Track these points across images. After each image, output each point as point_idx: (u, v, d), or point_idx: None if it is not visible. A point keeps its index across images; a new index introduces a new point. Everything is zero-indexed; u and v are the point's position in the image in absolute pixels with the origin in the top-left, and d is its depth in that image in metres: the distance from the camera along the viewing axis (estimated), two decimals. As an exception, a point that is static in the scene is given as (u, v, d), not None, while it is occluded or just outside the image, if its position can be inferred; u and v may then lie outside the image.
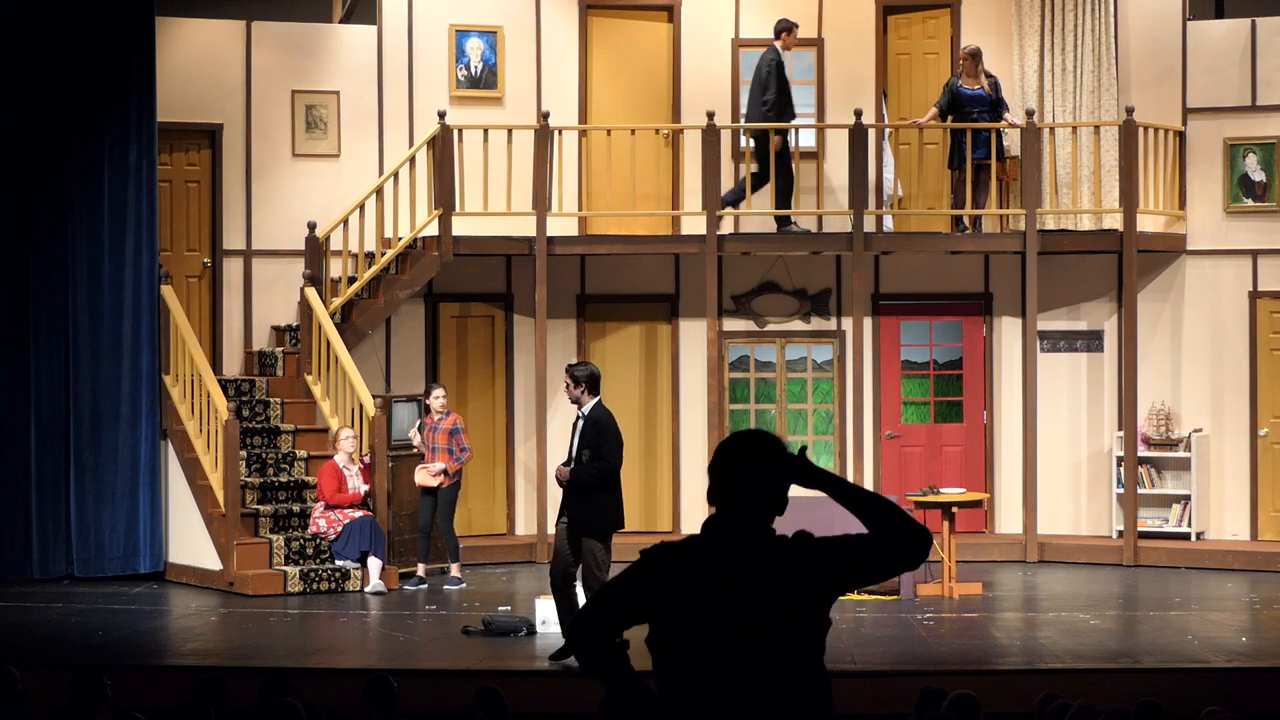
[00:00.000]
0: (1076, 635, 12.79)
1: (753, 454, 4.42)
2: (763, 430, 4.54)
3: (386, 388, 17.28)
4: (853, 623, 13.41)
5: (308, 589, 15.03)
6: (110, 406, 15.69)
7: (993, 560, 16.77)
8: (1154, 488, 17.03)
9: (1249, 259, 17.14)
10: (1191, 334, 17.27)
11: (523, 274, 17.52)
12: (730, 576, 4.32)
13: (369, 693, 8.20)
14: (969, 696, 7.77)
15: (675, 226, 17.71)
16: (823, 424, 17.78)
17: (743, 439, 4.44)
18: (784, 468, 4.44)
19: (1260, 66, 17.06)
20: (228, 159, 17.36)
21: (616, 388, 17.83)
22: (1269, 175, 16.99)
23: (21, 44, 15.58)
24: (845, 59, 17.80)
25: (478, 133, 16.89)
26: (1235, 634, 12.88)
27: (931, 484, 16.04)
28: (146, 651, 12.54)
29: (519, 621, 12.94)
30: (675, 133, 17.53)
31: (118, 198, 15.77)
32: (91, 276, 15.71)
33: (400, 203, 16.78)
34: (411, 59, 17.70)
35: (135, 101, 15.83)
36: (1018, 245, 16.86)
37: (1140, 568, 16.39)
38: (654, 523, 17.80)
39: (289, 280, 17.11)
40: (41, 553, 15.60)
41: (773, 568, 4.33)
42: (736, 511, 4.40)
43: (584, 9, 18.01)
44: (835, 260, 17.74)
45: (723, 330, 17.43)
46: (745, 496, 4.40)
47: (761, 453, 4.42)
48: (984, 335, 17.75)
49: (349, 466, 15.41)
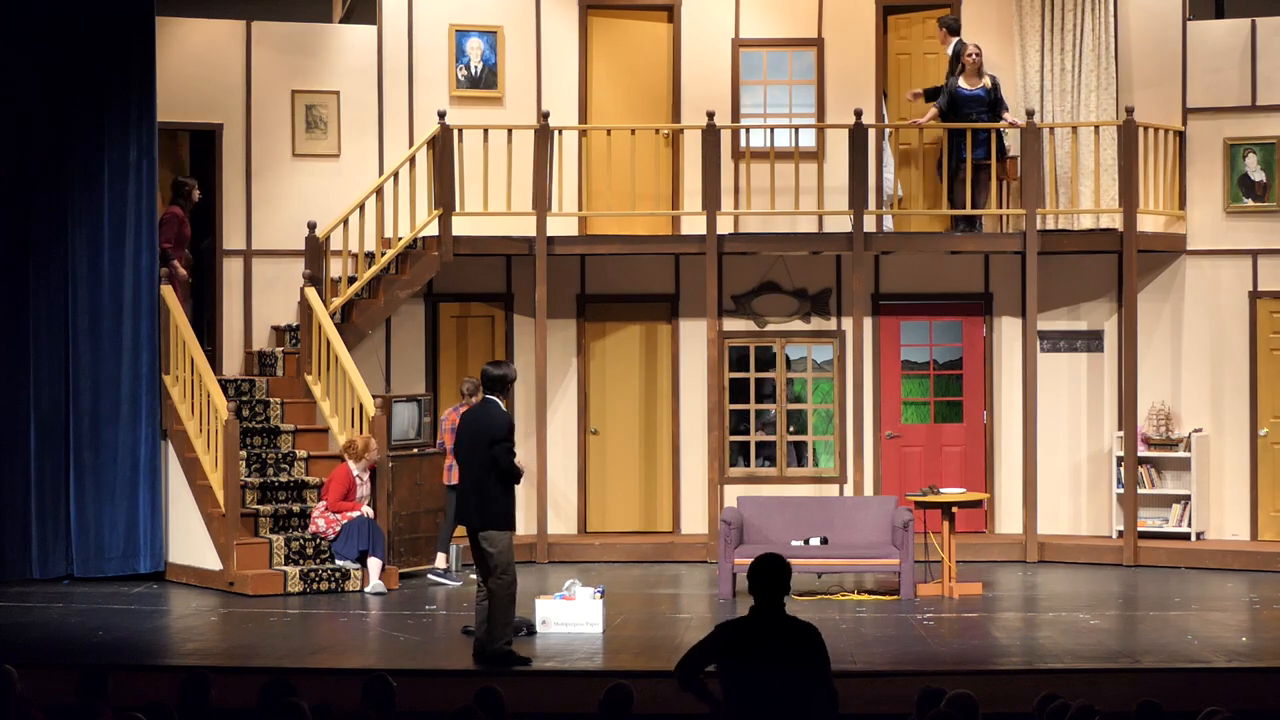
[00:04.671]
0: (1076, 635, 12.79)
1: (773, 572, 7.29)
2: (777, 556, 7.31)
3: (386, 388, 17.29)
4: (853, 623, 13.42)
5: (308, 589, 15.03)
6: (110, 406, 15.69)
7: (993, 560, 16.78)
8: (1154, 488, 17.03)
9: (1249, 259, 17.13)
10: (1191, 334, 17.26)
11: (523, 274, 17.53)
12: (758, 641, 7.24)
13: (368, 693, 8.20)
14: (967, 696, 7.77)
15: (675, 226, 17.71)
16: (823, 424, 17.78)
17: (767, 562, 7.28)
18: (786, 587, 7.32)
19: (1260, 66, 17.06)
20: (228, 159, 17.36)
21: (617, 388, 17.85)
22: (1269, 175, 16.99)
23: (21, 44, 15.57)
24: (845, 59, 17.79)
25: (478, 133, 16.89)
26: (1235, 634, 12.88)
27: (931, 484, 16.04)
28: (146, 651, 12.53)
29: (519, 621, 12.92)
30: (675, 133, 17.54)
31: (118, 198, 15.76)
32: (91, 276, 15.70)
33: (400, 203, 16.78)
34: (411, 59, 17.71)
35: (135, 101, 15.83)
36: (1018, 245, 16.86)
37: (1140, 568, 16.39)
38: (654, 523, 17.80)
39: (289, 280, 17.11)
40: (41, 553, 15.60)
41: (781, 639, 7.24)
42: (762, 604, 7.29)
43: (584, 9, 18.01)
44: (835, 260, 17.74)
45: (723, 330, 17.43)
46: (766, 597, 7.29)
47: (776, 573, 7.29)
48: (984, 335, 17.75)
49: (361, 475, 15.40)
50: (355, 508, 15.30)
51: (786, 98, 17.95)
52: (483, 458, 11.65)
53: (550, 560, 16.93)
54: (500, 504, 11.70)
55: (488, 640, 11.66)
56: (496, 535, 11.68)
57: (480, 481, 11.68)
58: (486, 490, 11.67)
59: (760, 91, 18.13)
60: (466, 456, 11.86)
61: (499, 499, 11.69)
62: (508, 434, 11.72)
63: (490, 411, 11.80)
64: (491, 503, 11.67)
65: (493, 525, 11.67)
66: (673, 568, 16.72)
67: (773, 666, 7.13)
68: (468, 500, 11.81)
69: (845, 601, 14.46)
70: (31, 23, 15.58)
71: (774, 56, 18.08)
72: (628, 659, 11.99)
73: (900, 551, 14.53)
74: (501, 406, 11.87)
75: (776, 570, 7.27)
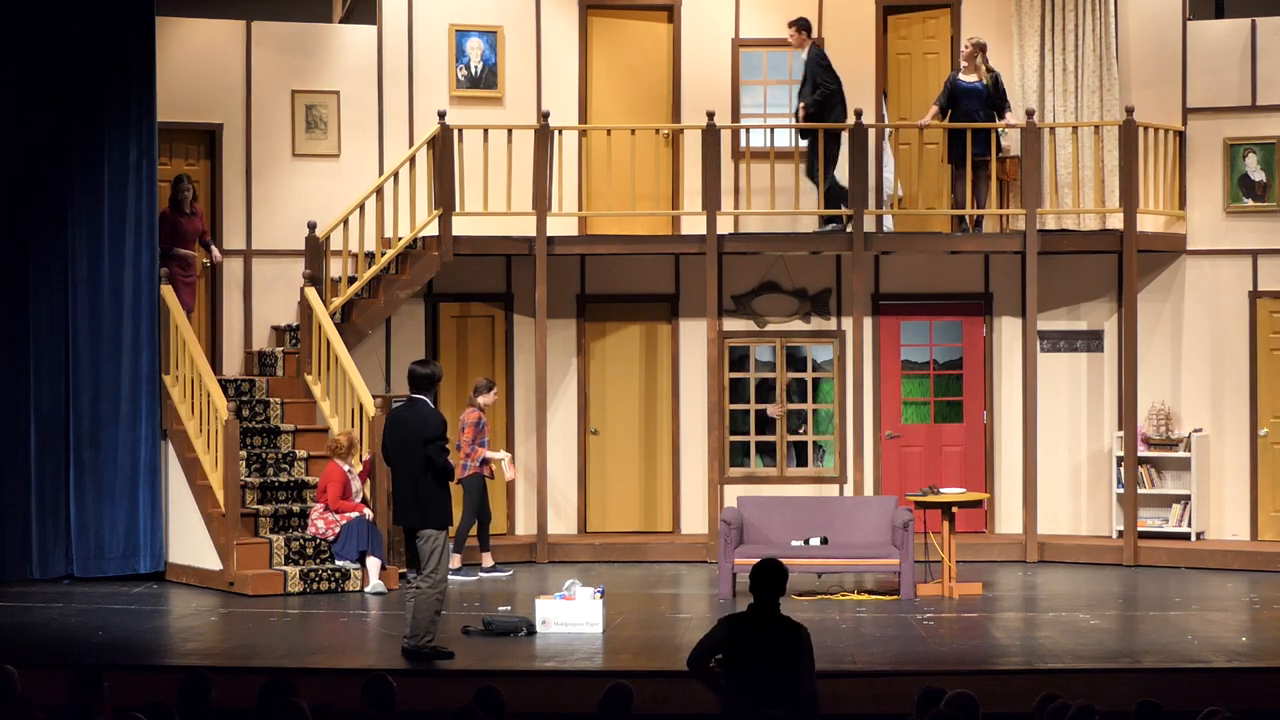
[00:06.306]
0: (1076, 635, 12.79)
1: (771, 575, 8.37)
2: (776, 561, 8.45)
3: (386, 388, 17.29)
4: (853, 623, 13.42)
5: (308, 589, 15.03)
6: (110, 406, 15.69)
7: (993, 560, 16.78)
8: (1154, 488, 17.03)
9: (1249, 259, 17.13)
10: (1191, 334, 17.27)
11: (523, 274, 17.53)
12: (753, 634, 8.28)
13: (368, 693, 8.20)
14: (967, 696, 7.78)
15: (675, 226, 17.71)
16: (823, 424, 17.78)
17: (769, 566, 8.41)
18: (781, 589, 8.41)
19: (1260, 66, 17.06)
20: (228, 159, 17.37)
21: (617, 388, 17.85)
22: (1269, 175, 16.99)
23: (21, 43, 15.57)
24: (845, 59, 17.78)
25: (478, 133, 16.89)
26: (1235, 634, 12.88)
27: (931, 484, 16.04)
28: (147, 651, 12.53)
29: (519, 621, 12.95)
30: (675, 133, 17.54)
31: (118, 198, 15.76)
32: (91, 277, 15.70)
33: (400, 203, 16.79)
34: (411, 59, 17.71)
35: (135, 101, 15.83)
36: (1018, 245, 16.86)
37: (1140, 568, 16.39)
38: (654, 523, 17.80)
39: (289, 280, 17.11)
40: (41, 553, 15.60)
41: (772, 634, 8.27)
42: (759, 604, 8.34)
43: (584, 9, 18.01)
44: (835, 260, 17.74)
45: (723, 330, 17.43)
46: (765, 597, 8.34)
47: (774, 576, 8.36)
48: (984, 335, 17.75)
49: (353, 473, 15.43)
50: (357, 508, 15.30)
51: (786, 98, 17.94)
52: (417, 457, 11.81)
53: (550, 560, 16.93)
54: (436, 502, 11.91)
55: (411, 636, 11.91)
56: (433, 534, 11.88)
57: (416, 481, 11.85)
58: (422, 489, 11.84)
59: (760, 91, 18.14)
60: (398, 457, 12.01)
61: (435, 497, 11.90)
62: (441, 432, 11.89)
63: (420, 411, 11.96)
64: (428, 501, 11.87)
65: (430, 524, 11.88)
66: (673, 568, 16.72)
67: (767, 658, 8.16)
68: (404, 499, 11.98)
69: (845, 601, 14.46)
70: (31, 23, 15.58)
71: (774, 56, 18.09)
72: (628, 659, 11.99)
73: (900, 551, 14.53)
74: (431, 405, 12.04)
75: (776, 574, 8.34)
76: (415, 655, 11.83)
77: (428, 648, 11.87)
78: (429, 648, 11.87)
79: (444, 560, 11.94)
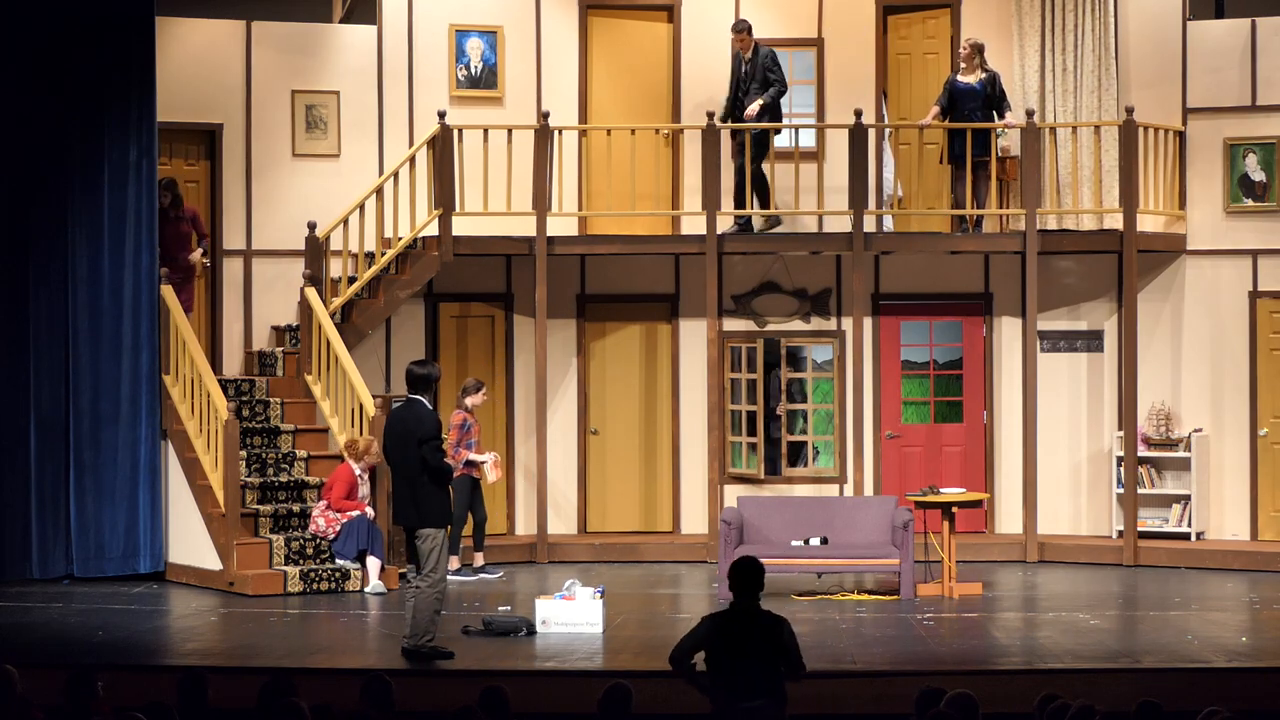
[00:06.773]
0: (1076, 635, 12.79)
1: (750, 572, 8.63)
2: (752, 559, 8.69)
3: (386, 388, 17.28)
4: (853, 623, 13.42)
5: (308, 589, 15.03)
6: (110, 406, 15.69)
7: (993, 560, 16.78)
8: (1154, 488, 17.02)
9: (1249, 259, 17.13)
10: (1191, 334, 17.26)
11: (523, 274, 17.53)
12: (737, 630, 8.53)
13: (368, 692, 8.20)
14: (967, 696, 7.78)
15: (675, 226, 17.71)
16: (823, 424, 17.77)
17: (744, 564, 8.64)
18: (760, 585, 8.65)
19: (1260, 66, 17.06)
20: (228, 159, 17.37)
21: (617, 388, 17.85)
22: (1269, 175, 16.99)
23: (21, 44, 15.57)
24: (845, 59, 17.79)
25: (478, 133, 16.89)
26: (1235, 634, 12.88)
27: (931, 484, 16.04)
28: (147, 651, 12.54)
29: (519, 621, 12.95)
30: (675, 133, 17.54)
31: (118, 198, 15.76)
32: (91, 276, 15.70)
33: (400, 203, 16.79)
34: (411, 59, 17.71)
35: (135, 101, 15.82)
36: (1018, 245, 16.86)
37: (1140, 568, 16.39)
38: (654, 523, 17.80)
39: (289, 280, 17.11)
40: (41, 553, 15.60)
41: (755, 628, 8.53)
42: (740, 601, 8.60)
43: (584, 9, 18.01)
44: (835, 260, 17.74)
45: (723, 330, 17.43)
46: (744, 594, 8.61)
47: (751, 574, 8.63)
48: (984, 335, 17.75)
49: (362, 475, 15.42)
50: (358, 507, 15.31)
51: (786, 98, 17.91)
52: (414, 457, 11.86)
53: (550, 560, 16.93)
54: (433, 502, 11.94)
55: (411, 636, 11.94)
56: (431, 533, 11.91)
57: (413, 481, 11.89)
58: (419, 489, 11.88)
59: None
60: (396, 457, 12.06)
61: (432, 497, 11.93)
62: (436, 433, 11.93)
63: (417, 411, 11.99)
64: (425, 501, 11.90)
65: (428, 523, 11.91)
66: (673, 568, 16.72)
67: (752, 653, 8.46)
68: (402, 499, 12.02)
69: (845, 601, 14.46)
70: (32, 23, 15.57)
71: (774, 57, 18.06)
72: (628, 659, 12.00)
73: (900, 551, 14.53)
74: (428, 405, 12.07)
75: (752, 571, 8.65)
76: (415, 655, 11.85)
77: (427, 648, 11.88)
78: (429, 648, 11.89)
79: (443, 560, 11.96)
